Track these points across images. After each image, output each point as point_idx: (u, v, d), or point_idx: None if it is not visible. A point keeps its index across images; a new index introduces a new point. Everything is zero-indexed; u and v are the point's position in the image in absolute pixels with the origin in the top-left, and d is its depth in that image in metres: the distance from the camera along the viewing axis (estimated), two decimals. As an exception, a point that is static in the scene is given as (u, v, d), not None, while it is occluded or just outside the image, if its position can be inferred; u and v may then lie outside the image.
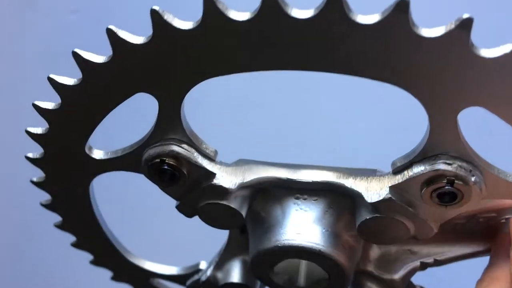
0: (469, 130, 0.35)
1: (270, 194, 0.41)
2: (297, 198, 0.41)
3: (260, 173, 0.40)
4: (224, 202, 0.39)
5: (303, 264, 0.45)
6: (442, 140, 0.34)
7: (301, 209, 0.41)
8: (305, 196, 0.41)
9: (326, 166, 0.41)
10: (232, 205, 0.39)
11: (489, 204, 0.42)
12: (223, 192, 0.39)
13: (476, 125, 0.35)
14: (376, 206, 0.37)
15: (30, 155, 0.42)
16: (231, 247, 0.47)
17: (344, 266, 0.40)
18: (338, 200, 0.40)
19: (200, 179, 0.39)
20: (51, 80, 0.36)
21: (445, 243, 0.45)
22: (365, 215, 0.38)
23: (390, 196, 0.36)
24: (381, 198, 0.37)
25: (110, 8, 0.31)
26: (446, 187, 0.35)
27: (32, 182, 0.45)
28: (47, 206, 0.47)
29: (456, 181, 0.35)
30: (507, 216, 0.43)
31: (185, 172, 0.38)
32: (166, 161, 0.38)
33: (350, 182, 0.39)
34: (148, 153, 0.38)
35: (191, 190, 0.39)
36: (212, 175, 0.39)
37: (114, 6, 0.30)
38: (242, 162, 0.41)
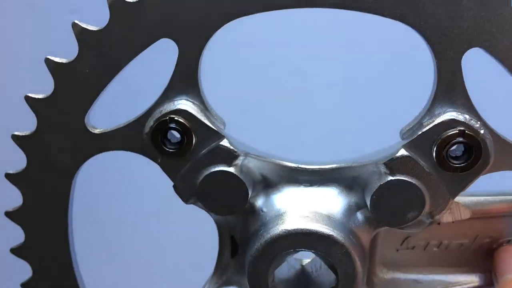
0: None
1: (273, 186, 0.39)
2: (302, 191, 0.40)
3: (267, 156, 0.39)
4: (231, 170, 0.37)
5: None
6: (448, 93, 0.36)
7: (307, 198, 0.39)
8: (310, 188, 0.40)
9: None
10: (238, 175, 0.37)
11: (490, 207, 0.41)
12: (231, 157, 0.37)
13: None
14: (389, 166, 0.36)
15: (18, 133, 0.39)
16: (218, 277, 0.42)
17: (354, 258, 0.37)
18: (345, 190, 0.39)
19: (206, 144, 0.37)
20: (75, 26, 0.37)
21: (451, 271, 0.43)
22: (379, 182, 0.37)
23: (403, 153, 0.36)
24: (394, 156, 0.36)
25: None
26: (457, 139, 0.36)
27: (7, 175, 0.40)
28: (12, 214, 0.41)
29: (466, 132, 0.36)
30: (508, 239, 0.43)
31: (192, 133, 0.37)
32: (175, 118, 0.37)
33: (358, 162, 0.39)
34: (156, 112, 0.37)
35: (194, 155, 0.37)
36: (221, 137, 0.37)
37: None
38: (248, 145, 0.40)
